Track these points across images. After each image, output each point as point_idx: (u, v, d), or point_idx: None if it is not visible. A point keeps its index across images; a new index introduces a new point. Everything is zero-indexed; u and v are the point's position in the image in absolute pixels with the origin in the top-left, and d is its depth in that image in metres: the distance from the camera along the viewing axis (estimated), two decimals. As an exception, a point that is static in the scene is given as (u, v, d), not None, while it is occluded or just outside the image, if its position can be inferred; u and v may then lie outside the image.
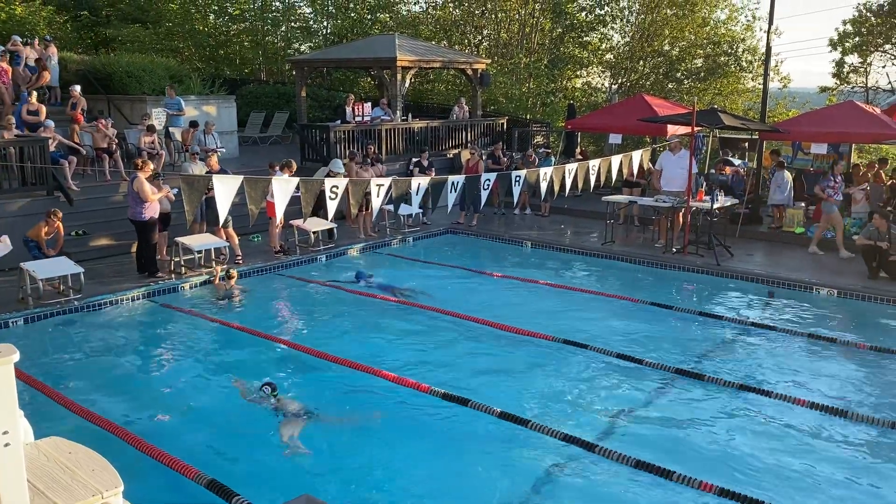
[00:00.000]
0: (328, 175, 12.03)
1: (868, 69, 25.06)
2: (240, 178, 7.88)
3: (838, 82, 25.57)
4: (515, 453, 5.87)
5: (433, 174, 13.31)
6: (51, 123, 12.82)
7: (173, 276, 10.40)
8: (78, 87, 14.73)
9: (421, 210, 13.35)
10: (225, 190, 7.70)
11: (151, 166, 10.43)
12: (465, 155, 16.85)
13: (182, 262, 10.66)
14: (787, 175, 13.82)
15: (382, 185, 8.94)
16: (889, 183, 13.35)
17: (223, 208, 7.76)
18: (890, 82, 24.97)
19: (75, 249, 10.70)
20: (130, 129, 15.22)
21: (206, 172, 10.63)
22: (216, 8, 27.73)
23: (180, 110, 15.44)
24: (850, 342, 8.37)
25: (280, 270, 11.21)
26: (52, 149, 12.03)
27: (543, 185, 10.46)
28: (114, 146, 13.42)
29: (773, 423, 6.44)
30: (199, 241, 10.88)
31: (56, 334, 8.59)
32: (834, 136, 13.54)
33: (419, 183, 9.44)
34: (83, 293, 9.42)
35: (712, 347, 8.37)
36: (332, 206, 8.51)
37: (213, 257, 11.11)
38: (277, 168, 11.49)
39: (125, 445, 5.71)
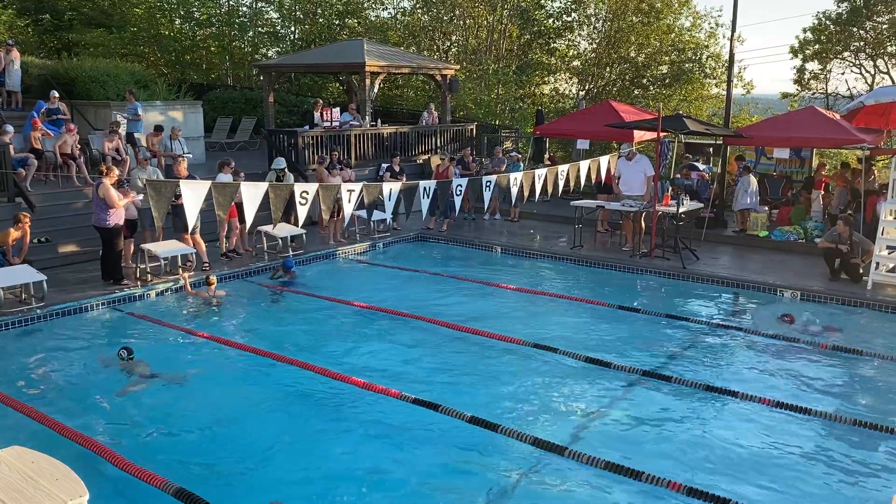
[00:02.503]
0: (278, 177, 12.11)
1: (828, 76, 25.63)
2: (207, 183, 7.80)
3: (799, 88, 26.10)
4: (486, 458, 5.88)
5: (405, 179, 13.31)
6: (10, 128, 12.57)
7: (139, 283, 10.25)
8: (55, 93, 14.62)
9: (391, 216, 13.36)
10: (193, 196, 7.61)
11: (117, 172, 10.29)
12: (435, 160, 16.88)
13: (148, 270, 10.51)
14: (753, 180, 14.08)
15: (354, 190, 8.91)
16: (850, 186, 13.64)
17: (192, 215, 7.67)
18: (849, 88, 25.56)
19: (38, 257, 10.49)
20: (94, 134, 14.98)
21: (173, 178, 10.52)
22: (182, 13, 27.46)
23: (136, 115, 15.18)
24: (813, 342, 8.54)
25: (248, 277, 11.11)
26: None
27: (514, 191, 10.53)
28: (77, 152, 13.22)
29: (739, 423, 6.54)
30: (166, 247, 10.74)
31: (17, 343, 8.39)
32: (796, 140, 13.82)
33: (391, 188, 9.44)
34: (46, 301, 9.24)
35: (679, 349, 8.48)
36: (302, 212, 8.45)
37: (180, 264, 10.98)
38: (221, 172, 11.57)
39: (89, 454, 5.61)
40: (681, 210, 12.06)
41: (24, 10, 24.85)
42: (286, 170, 12.71)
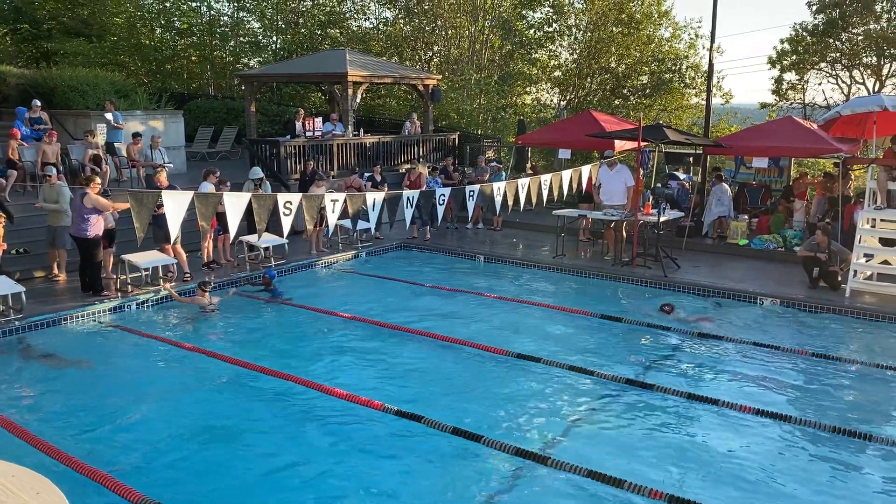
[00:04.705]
0: (255, 186, 12.06)
1: (805, 86, 25.96)
2: (189, 193, 7.76)
3: (777, 98, 26.41)
4: (468, 469, 5.87)
5: (386, 189, 13.33)
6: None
7: (119, 294, 10.16)
8: (38, 102, 14.50)
9: (374, 225, 13.36)
10: (175, 206, 7.56)
11: (98, 181, 10.20)
12: (423, 170, 16.90)
13: (128, 280, 10.42)
14: (727, 188, 14.23)
15: (337, 200, 8.89)
16: (828, 195, 13.81)
17: (174, 225, 7.62)
18: (826, 98, 25.90)
19: (16, 268, 10.37)
20: (73, 144, 14.86)
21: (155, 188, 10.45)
22: (163, 22, 27.35)
23: (118, 124, 15.05)
24: (793, 349, 8.63)
25: (229, 287, 11.04)
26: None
27: (497, 200, 10.57)
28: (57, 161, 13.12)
29: (720, 431, 6.59)
30: (146, 258, 10.65)
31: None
32: (774, 150, 13.99)
33: (374, 198, 9.44)
34: (24, 313, 9.13)
35: (661, 357, 8.53)
36: (286, 223, 8.43)
37: (161, 275, 10.90)
38: (206, 180, 11.50)
39: (69, 469, 5.54)
40: (662, 219, 12.16)
41: (2, 19, 24.65)
42: (264, 179, 12.66)
